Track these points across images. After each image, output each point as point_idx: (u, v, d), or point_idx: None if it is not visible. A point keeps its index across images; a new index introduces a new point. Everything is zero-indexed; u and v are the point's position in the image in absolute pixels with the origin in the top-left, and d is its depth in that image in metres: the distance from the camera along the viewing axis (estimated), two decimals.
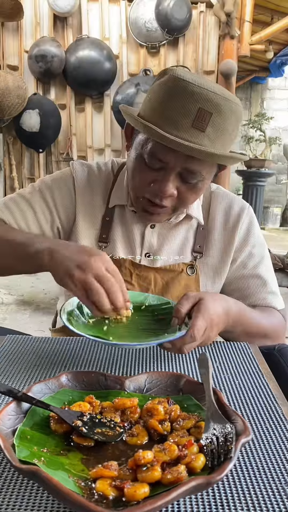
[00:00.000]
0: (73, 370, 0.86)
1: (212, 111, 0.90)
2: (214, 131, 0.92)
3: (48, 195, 1.14)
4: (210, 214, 1.17)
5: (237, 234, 1.15)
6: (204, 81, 0.91)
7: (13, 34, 4.39)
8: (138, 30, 4.30)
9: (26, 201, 1.14)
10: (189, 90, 0.89)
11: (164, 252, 1.15)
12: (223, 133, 0.93)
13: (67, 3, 4.18)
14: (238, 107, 0.94)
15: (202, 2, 4.30)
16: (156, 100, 0.95)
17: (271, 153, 5.69)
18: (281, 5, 5.20)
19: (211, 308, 0.89)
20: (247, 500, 0.56)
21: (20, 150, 4.57)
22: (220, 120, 0.91)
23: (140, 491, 0.49)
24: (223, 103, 0.90)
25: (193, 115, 0.90)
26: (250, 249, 1.16)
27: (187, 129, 0.91)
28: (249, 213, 1.19)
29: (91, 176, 1.17)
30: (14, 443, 0.57)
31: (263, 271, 1.17)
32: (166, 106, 0.92)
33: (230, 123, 0.93)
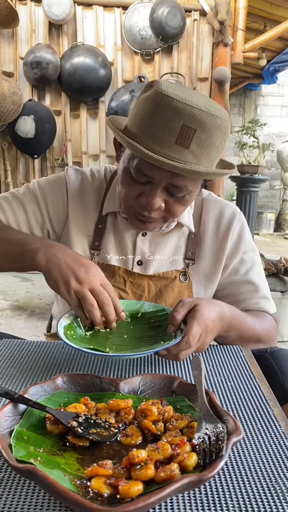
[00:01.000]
0: (68, 373, 0.87)
1: (196, 127, 0.89)
2: (198, 147, 0.91)
3: (40, 197, 1.16)
4: (202, 221, 1.18)
5: (228, 241, 1.16)
6: (189, 96, 0.90)
7: (9, 41, 4.42)
8: (133, 38, 4.34)
9: (19, 201, 1.15)
10: (173, 106, 0.88)
11: (156, 260, 1.15)
12: (209, 148, 0.92)
13: (62, 11, 4.22)
14: (224, 122, 0.93)
15: (195, 11, 4.35)
16: (141, 115, 0.94)
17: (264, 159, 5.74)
18: (274, 13, 5.28)
19: (205, 314, 0.90)
20: (239, 498, 0.58)
21: (15, 156, 4.58)
22: (205, 136, 0.90)
23: (134, 488, 0.50)
24: (207, 119, 0.89)
25: (176, 132, 0.89)
26: (242, 255, 1.18)
27: (171, 145, 0.90)
28: (240, 219, 1.19)
29: (84, 183, 1.18)
30: (11, 443, 0.59)
31: (254, 276, 1.18)
32: (151, 122, 0.91)
33: (216, 138, 0.92)
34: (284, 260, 2.99)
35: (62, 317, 0.94)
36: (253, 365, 0.97)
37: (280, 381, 0.99)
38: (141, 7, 4.27)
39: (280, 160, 8.78)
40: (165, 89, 0.90)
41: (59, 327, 0.90)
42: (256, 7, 5.06)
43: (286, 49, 6.37)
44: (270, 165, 9.23)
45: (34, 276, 4.56)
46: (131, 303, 1.04)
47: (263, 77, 7.68)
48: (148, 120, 0.92)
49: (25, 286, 4.17)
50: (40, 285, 4.20)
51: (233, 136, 7.65)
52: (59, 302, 1.26)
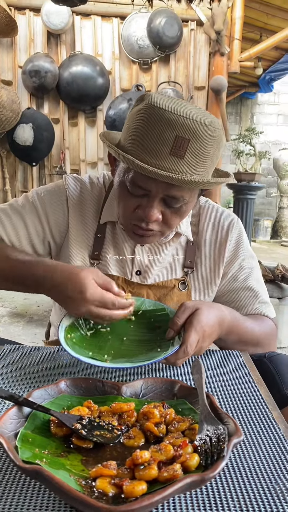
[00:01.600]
0: (70, 377, 0.88)
1: (190, 138, 0.89)
2: (193, 157, 0.91)
3: (40, 208, 1.14)
4: (200, 229, 1.18)
5: (227, 248, 1.17)
6: (181, 107, 0.90)
7: (8, 50, 4.46)
8: (131, 47, 4.39)
9: (19, 213, 1.14)
10: (165, 118, 0.89)
11: (155, 269, 1.16)
12: (203, 158, 0.93)
13: (61, 21, 4.26)
14: (217, 131, 0.93)
15: (192, 21, 4.40)
16: (134, 129, 0.94)
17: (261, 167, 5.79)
18: (269, 23, 5.34)
19: (204, 321, 0.91)
20: (239, 498, 0.59)
21: (14, 163, 4.60)
22: (199, 145, 0.91)
23: (138, 488, 0.52)
24: (200, 128, 0.90)
25: (170, 143, 0.89)
26: (240, 262, 1.18)
27: (165, 157, 0.90)
28: (238, 226, 1.20)
29: (84, 192, 1.18)
30: (16, 445, 0.60)
31: (253, 283, 1.19)
32: (144, 135, 0.91)
33: (210, 147, 0.93)
34: (281, 267, 3.01)
35: (64, 318, 0.95)
36: (252, 370, 0.99)
37: (278, 386, 1.01)
38: (138, 17, 4.32)
39: (276, 168, 8.83)
40: (157, 101, 0.90)
41: (60, 330, 0.91)
42: (252, 17, 5.13)
43: (282, 58, 6.44)
44: (267, 172, 9.29)
45: None
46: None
47: (259, 86, 7.74)
48: (141, 133, 0.92)
49: (23, 293, 4.18)
50: None
51: (230, 144, 7.71)
52: (57, 310, 1.27)
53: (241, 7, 4.47)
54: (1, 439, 0.57)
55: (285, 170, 8.42)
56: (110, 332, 0.97)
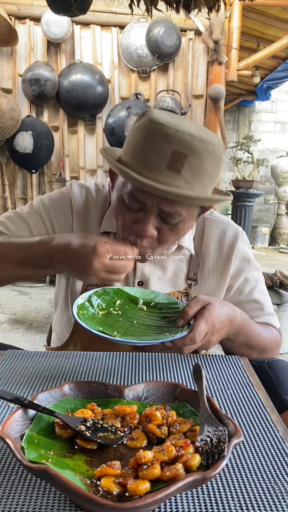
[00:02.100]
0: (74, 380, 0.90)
1: (187, 153, 0.89)
2: (190, 173, 0.91)
3: (45, 216, 1.15)
4: (204, 241, 1.18)
5: (232, 261, 1.17)
6: (181, 123, 0.90)
7: (8, 58, 4.51)
8: (130, 56, 4.45)
9: (24, 220, 1.14)
10: (164, 132, 0.89)
11: (157, 281, 1.16)
12: (201, 174, 0.92)
13: (61, 30, 4.32)
14: (216, 148, 0.92)
15: (191, 30, 4.47)
16: (133, 143, 0.95)
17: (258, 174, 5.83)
18: (267, 33, 5.42)
19: (215, 314, 0.92)
20: (240, 498, 0.61)
21: (13, 171, 4.64)
22: (196, 161, 0.90)
23: (142, 486, 0.53)
24: (199, 144, 0.89)
25: (168, 157, 0.89)
26: (246, 275, 1.18)
27: (162, 171, 0.90)
28: (243, 239, 1.20)
29: (89, 200, 1.17)
30: (22, 446, 0.62)
31: (259, 295, 1.19)
32: (142, 149, 0.92)
33: (209, 164, 0.92)
34: (279, 273, 3.03)
35: (79, 298, 0.98)
36: (251, 374, 1.00)
37: (277, 391, 1.02)
38: (137, 27, 4.38)
39: (274, 175, 8.88)
40: (157, 116, 0.91)
41: (74, 306, 0.93)
42: (249, 27, 5.20)
43: (279, 67, 6.52)
44: (265, 180, 9.34)
45: (31, 289, 4.58)
46: (147, 292, 1.07)
47: (257, 94, 7.82)
48: (139, 147, 0.93)
49: (23, 299, 4.19)
50: (38, 299, 4.22)
51: (228, 152, 7.76)
52: (59, 314, 1.29)
53: (239, 17, 4.54)
54: (8, 440, 0.58)
55: (283, 177, 8.47)
56: (121, 315, 0.99)
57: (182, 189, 0.91)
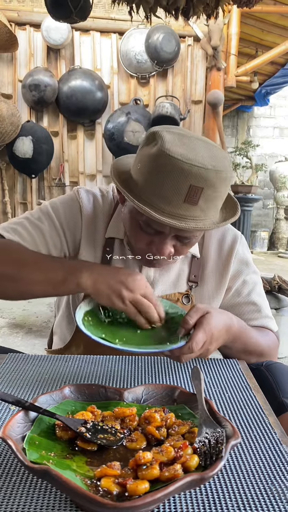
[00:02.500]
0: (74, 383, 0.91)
1: (203, 186, 0.91)
2: (205, 202, 0.93)
3: (56, 220, 1.14)
4: (204, 245, 1.21)
5: (231, 264, 1.19)
6: (193, 155, 0.91)
7: (8, 64, 4.54)
8: (129, 62, 4.48)
9: (35, 226, 1.13)
10: (178, 168, 0.89)
11: (161, 283, 1.18)
12: (216, 201, 0.96)
13: (60, 36, 4.35)
14: (228, 174, 0.95)
15: (189, 36, 4.51)
16: (147, 174, 0.95)
17: (257, 179, 5.86)
18: (265, 39, 5.46)
19: (213, 323, 0.94)
20: (237, 499, 0.62)
21: (13, 175, 4.66)
22: (212, 191, 0.93)
23: (141, 486, 0.54)
24: (213, 176, 0.91)
25: (184, 192, 0.91)
26: (244, 277, 1.21)
27: (179, 205, 0.92)
28: (242, 242, 1.22)
29: (96, 206, 1.19)
30: (24, 447, 0.63)
31: (256, 297, 1.21)
32: (157, 183, 0.93)
33: (222, 189, 0.96)
34: (278, 278, 3.05)
35: (82, 303, 0.99)
36: (249, 377, 1.01)
37: (275, 393, 1.03)
38: (137, 33, 4.42)
39: (273, 180, 8.91)
40: (169, 147, 0.91)
41: (78, 311, 0.95)
42: (248, 33, 5.24)
43: (278, 72, 6.56)
44: (263, 184, 9.37)
45: None
46: None
47: (256, 100, 7.86)
48: (154, 180, 0.93)
49: (22, 304, 4.20)
50: (37, 303, 4.22)
51: None
52: (61, 316, 1.30)
53: (237, 24, 4.58)
54: (10, 441, 0.60)
55: (282, 182, 8.50)
56: (126, 323, 1.00)
57: (198, 218, 0.95)
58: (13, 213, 4.69)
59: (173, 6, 2.49)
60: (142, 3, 2.49)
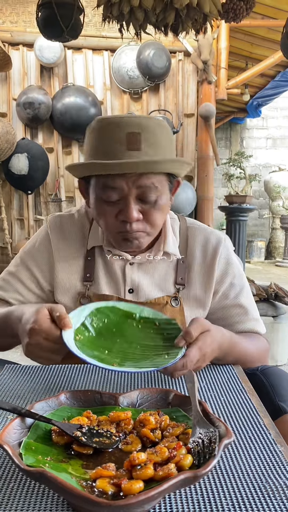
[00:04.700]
0: None
1: (140, 131, 0.99)
2: (148, 146, 1.00)
3: (31, 263, 1.23)
4: (188, 248, 1.22)
5: (216, 266, 1.20)
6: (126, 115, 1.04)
7: (2, 83, 4.61)
8: (121, 78, 4.55)
9: (14, 276, 1.24)
10: (114, 122, 1.00)
11: (147, 287, 1.19)
12: (159, 145, 1.01)
13: (53, 55, 4.43)
14: (162, 122, 1.05)
15: (180, 52, 4.59)
16: (90, 144, 1.05)
17: (251, 189, 5.91)
18: (254, 52, 5.56)
19: (208, 342, 0.94)
20: (232, 498, 0.63)
21: (9, 192, 4.69)
22: (150, 135, 1.00)
23: (136, 486, 0.55)
24: (146, 121, 1.01)
25: (124, 141, 0.99)
26: (231, 280, 1.22)
27: (124, 153, 0.99)
28: (226, 245, 1.24)
29: (66, 225, 1.24)
30: (20, 452, 0.64)
31: (244, 300, 1.22)
32: (100, 143, 1.02)
33: (161, 135, 1.02)
34: (274, 285, 3.06)
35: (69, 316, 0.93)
36: (244, 381, 1.02)
37: (271, 397, 1.04)
38: (128, 50, 4.50)
39: (267, 190, 9.00)
40: (104, 116, 1.05)
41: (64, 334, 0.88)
42: (237, 46, 5.34)
43: (268, 84, 6.66)
44: (258, 194, 9.45)
45: None
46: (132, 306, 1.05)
47: (248, 111, 7.97)
48: (96, 143, 1.03)
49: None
50: None
51: (221, 168, 7.87)
52: None
53: (226, 38, 4.66)
54: (6, 447, 0.60)
55: (276, 192, 8.58)
56: (119, 335, 0.97)
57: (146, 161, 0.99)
58: (10, 230, 4.71)
59: (162, 23, 2.55)
60: (132, 21, 2.55)
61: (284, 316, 3.16)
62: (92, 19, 4.46)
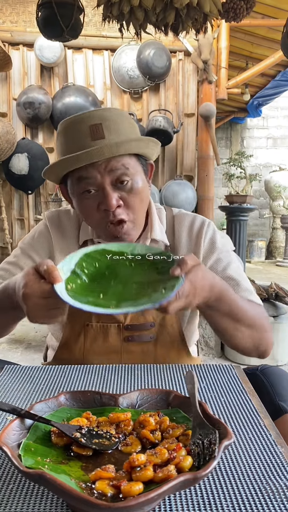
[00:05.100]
0: None
1: (101, 121, 1.05)
2: (111, 133, 1.05)
3: (32, 252, 1.25)
4: (175, 234, 1.26)
5: (202, 245, 1.23)
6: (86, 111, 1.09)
7: (2, 83, 4.60)
8: (121, 78, 4.54)
9: (14, 264, 1.24)
10: (77, 119, 1.07)
11: None
12: (121, 131, 1.06)
13: (53, 55, 4.42)
14: (122, 111, 1.11)
15: (180, 51, 4.58)
16: (60, 145, 1.11)
17: (252, 189, 5.90)
18: (255, 52, 5.55)
19: (199, 277, 0.91)
20: (232, 499, 0.62)
21: (10, 192, 4.69)
22: (111, 123, 1.06)
23: (135, 487, 0.55)
24: (105, 112, 1.07)
25: (88, 133, 1.05)
26: (217, 255, 1.22)
27: (89, 144, 1.05)
28: (210, 226, 1.27)
29: (63, 220, 1.28)
30: (19, 454, 0.63)
31: (233, 272, 1.21)
32: (67, 141, 1.08)
33: (122, 122, 1.08)
34: (275, 285, 3.06)
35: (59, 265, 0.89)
36: (245, 382, 1.02)
37: (271, 397, 1.04)
38: (128, 49, 4.49)
39: (268, 190, 8.99)
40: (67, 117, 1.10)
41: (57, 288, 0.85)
42: (237, 46, 5.33)
43: (268, 84, 6.66)
44: (259, 194, 9.44)
45: None
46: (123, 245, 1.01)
47: (248, 111, 7.96)
48: (65, 142, 1.09)
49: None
50: None
51: (221, 168, 7.86)
52: (52, 327, 1.32)
53: (227, 38, 4.65)
54: (5, 448, 0.60)
55: (277, 191, 8.57)
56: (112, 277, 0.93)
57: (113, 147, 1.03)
58: (10, 230, 4.70)
59: (162, 22, 2.54)
60: (132, 20, 2.54)
61: (285, 316, 3.15)
62: (92, 19, 4.45)
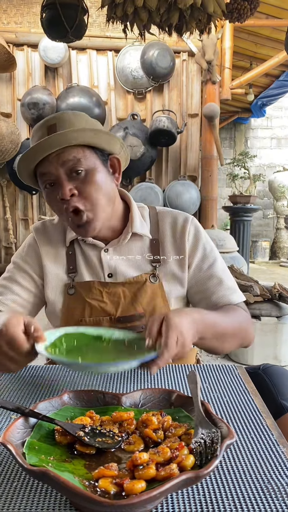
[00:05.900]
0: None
1: (56, 122, 1.12)
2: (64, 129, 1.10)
3: (24, 265, 1.29)
4: (160, 229, 1.28)
5: (186, 242, 1.25)
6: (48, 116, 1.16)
7: (7, 83, 4.62)
8: (125, 78, 4.55)
9: (9, 279, 1.29)
10: (40, 123, 1.15)
11: (124, 268, 1.24)
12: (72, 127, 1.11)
13: (58, 55, 4.43)
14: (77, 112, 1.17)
15: (184, 52, 4.58)
16: None
17: (255, 189, 5.90)
18: (259, 52, 5.55)
19: (176, 321, 0.91)
20: (234, 498, 0.63)
21: (14, 192, 4.71)
22: (65, 122, 1.12)
23: (138, 485, 0.56)
24: (62, 114, 1.14)
25: (46, 133, 1.11)
26: (202, 252, 1.26)
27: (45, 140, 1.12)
28: (194, 222, 1.29)
29: (47, 227, 1.33)
30: (24, 452, 0.64)
31: (217, 271, 1.25)
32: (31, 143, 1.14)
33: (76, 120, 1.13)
34: (278, 285, 3.05)
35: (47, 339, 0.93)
36: (247, 382, 1.03)
37: (273, 396, 1.05)
38: (132, 50, 4.50)
39: (272, 190, 8.98)
40: None
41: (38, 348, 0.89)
42: (241, 46, 5.34)
43: (272, 84, 6.65)
44: (263, 195, 9.43)
45: None
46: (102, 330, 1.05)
47: (252, 111, 7.96)
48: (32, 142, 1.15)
49: None
50: (38, 319, 4.23)
51: (225, 168, 7.86)
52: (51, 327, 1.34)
53: (231, 38, 4.65)
54: (10, 446, 0.61)
55: (281, 192, 8.56)
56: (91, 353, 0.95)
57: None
58: (14, 230, 4.72)
59: (166, 23, 2.55)
60: (136, 21, 2.55)
61: None
62: (96, 20, 4.46)
